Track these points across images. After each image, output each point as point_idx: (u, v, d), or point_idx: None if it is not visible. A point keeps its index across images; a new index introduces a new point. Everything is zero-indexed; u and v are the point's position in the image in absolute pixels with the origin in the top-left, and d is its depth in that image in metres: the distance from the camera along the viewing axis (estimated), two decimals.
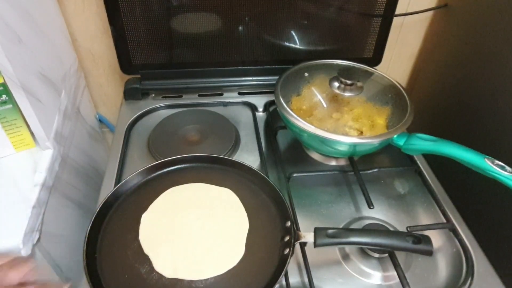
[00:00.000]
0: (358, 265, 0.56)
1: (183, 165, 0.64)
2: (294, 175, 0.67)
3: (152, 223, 0.55)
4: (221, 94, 0.88)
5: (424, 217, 0.64)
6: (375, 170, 0.70)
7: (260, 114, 0.84)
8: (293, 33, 0.83)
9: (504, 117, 0.70)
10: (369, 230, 0.57)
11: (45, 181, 0.63)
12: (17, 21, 0.60)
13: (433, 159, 0.70)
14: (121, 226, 0.55)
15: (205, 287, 0.48)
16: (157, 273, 0.49)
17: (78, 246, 0.52)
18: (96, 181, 0.91)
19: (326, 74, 0.73)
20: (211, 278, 0.49)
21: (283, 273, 0.48)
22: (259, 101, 0.86)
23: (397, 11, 0.82)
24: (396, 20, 0.84)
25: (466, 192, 0.77)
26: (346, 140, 0.62)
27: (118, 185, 0.59)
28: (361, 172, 0.67)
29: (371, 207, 0.60)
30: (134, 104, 0.84)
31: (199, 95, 0.87)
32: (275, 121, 0.79)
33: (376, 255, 0.56)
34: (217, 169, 0.64)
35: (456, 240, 0.60)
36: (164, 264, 0.50)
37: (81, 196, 0.82)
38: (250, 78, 0.88)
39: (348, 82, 0.69)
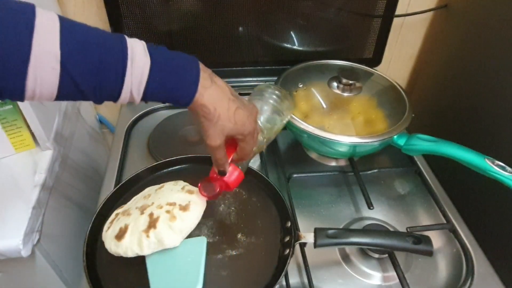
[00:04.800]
0: (358, 266, 0.56)
1: (183, 166, 0.64)
2: (294, 175, 0.67)
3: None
4: None
5: (424, 218, 0.64)
6: (375, 170, 0.70)
7: None
8: (293, 34, 0.83)
9: (504, 117, 0.70)
10: (369, 230, 0.58)
11: (45, 181, 0.63)
12: None
13: (433, 160, 0.70)
14: None
15: None
16: None
17: (78, 247, 0.52)
18: (96, 181, 0.91)
19: (326, 75, 0.73)
20: (211, 277, 0.49)
21: (283, 273, 0.48)
22: None
23: (397, 12, 0.82)
24: (396, 21, 0.84)
25: (466, 192, 0.77)
26: (346, 140, 0.62)
27: (118, 185, 0.59)
28: (361, 173, 0.67)
29: (371, 207, 0.60)
30: (134, 105, 0.83)
31: None
32: None
33: (376, 255, 0.56)
34: None
35: (456, 241, 0.60)
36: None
37: (81, 196, 0.82)
38: (250, 79, 0.88)
39: (348, 82, 0.69)
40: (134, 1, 0.73)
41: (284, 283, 0.52)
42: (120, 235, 0.48)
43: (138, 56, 0.36)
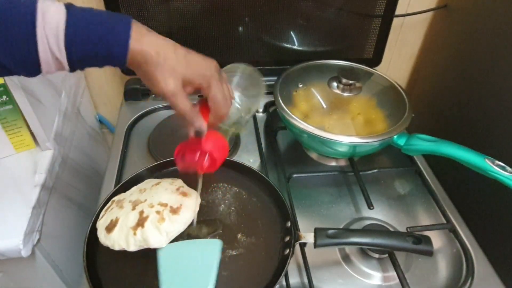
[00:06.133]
0: (358, 266, 0.56)
1: None
2: (294, 175, 0.67)
3: None
4: None
5: (424, 218, 0.64)
6: (375, 170, 0.70)
7: (260, 114, 0.84)
8: (293, 34, 0.83)
9: (504, 117, 0.70)
10: (369, 230, 0.58)
11: (45, 181, 0.63)
12: None
13: (433, 160, 0.70)
14: None
15: None
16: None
17: (78, 247, 0.52)
18: (96, 181, 0.91)
19: (326, 75, 0.73)
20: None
21: (283, 273, 0.48)
22: None
23: (397, 12, 0.82)
24: (396, 21, 0.84)
25: (466, 192, 0.77)
26: (346, 140, 0.62)
27: (118, 185, 0.59)
28: (361, 173, 0.67)
29: (371, 207, 0.60)
30: (134, 105, 0.84)
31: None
32: (275, 121, 0.79)
33: (376, 255, 0.56)
34: (217, 169, 0.63)
35: (456, 241, 0.60)
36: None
37: (81, 196, 0.82)
38: None
39: (348, 82, 0.69)
40: (134, 1, 0.73)
41: (284, 283, 0.52)
42: (110, 228, 0.49)
43: (52, 8, 0.33)
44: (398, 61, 1.02)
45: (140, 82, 0.84)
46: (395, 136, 0.63)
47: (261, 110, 0.84)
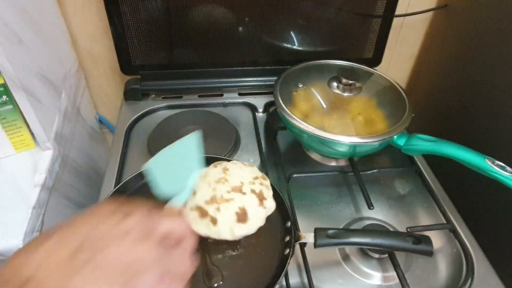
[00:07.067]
0: (358, 266, 0.56)
1: None
2: (294, 175, 0.67)
3: None
4: (221, 95, 0.88)
5: (424, 218, 0.64)
6: (375, 170, 0.70)
7: (260, 114, 0.84)
8: (293, 34, 0.83)
9: (504, 117, 0.70)
10: (369, 230, 0.58)
11: (45, 181, 0.63)
12: (17, 21, 0.60)
13: (433, 160, 0.70)
14: None
15: None
16: None
17: None
18: (96, 181, 0.91)
19: (326, 75, 0.73)
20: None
21: (283, 273, 0.48)
22: (259, 101, 0.86)
23: (397, 12, 0.82)
24: (396, 21, 0.84)
25: (466, 192, 0.77)
26: (345, 140, 0.62)
27: (118, 185, 0.59)
28: (361, 173, 0.67)
29: (371, 207, 0.60)
30: (134, 105, 0.84)
31: (199, 96, 0.87)
32: (275, 121, 0.79)
33: (376, 255, 0.56)
34: None
35: (456, 241, 0.60)
36: None
37: (81, 196, 0.82)
38: (250, 79, 0.88)
39: (348, 82, 0.69)
40: (134, 1, 0.73)
41: (284, 283, 0.52)
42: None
43: None
44: (398, 61, 1.02)
45: (140, 82, 0.84)
46: (395, 136, 0.63)
47: (261, 110, 0.85)
